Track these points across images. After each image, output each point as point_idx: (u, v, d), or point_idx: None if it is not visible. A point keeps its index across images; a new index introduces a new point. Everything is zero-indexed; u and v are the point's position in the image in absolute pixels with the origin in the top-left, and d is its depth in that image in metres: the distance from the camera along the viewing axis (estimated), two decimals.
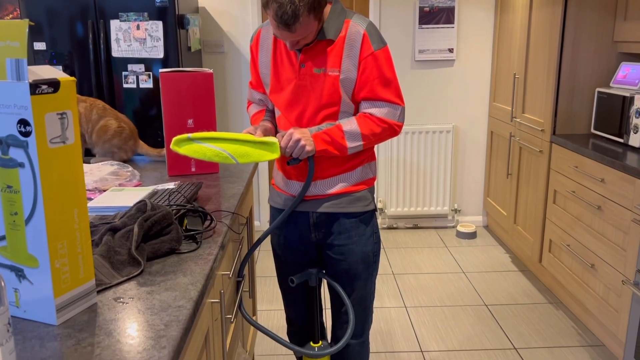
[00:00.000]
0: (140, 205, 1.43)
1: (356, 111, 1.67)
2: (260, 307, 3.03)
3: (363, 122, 1.61)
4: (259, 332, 2.76)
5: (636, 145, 2.54)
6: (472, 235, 4.01)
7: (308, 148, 1.56)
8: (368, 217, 1.76)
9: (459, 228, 4.04)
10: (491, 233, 4.10)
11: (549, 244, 3.07)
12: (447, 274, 3.40)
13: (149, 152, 2.38)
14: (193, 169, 2.14)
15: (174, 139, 1.56)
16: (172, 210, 1.51)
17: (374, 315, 2.90)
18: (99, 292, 1.18)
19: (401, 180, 4.09)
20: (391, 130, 1.64)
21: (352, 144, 1.61)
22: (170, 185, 1.86)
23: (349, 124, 1.61)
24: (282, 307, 3.00)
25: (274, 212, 1.86)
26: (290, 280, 1.78)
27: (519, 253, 3.61)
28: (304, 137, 1.56)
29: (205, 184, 2.03)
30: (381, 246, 3.92)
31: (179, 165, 2.12)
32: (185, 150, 1.56)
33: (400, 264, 3.57)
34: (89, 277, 1.11)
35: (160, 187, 1.83)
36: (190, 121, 2.08)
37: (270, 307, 3.02)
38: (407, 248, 3.84)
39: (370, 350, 2.57)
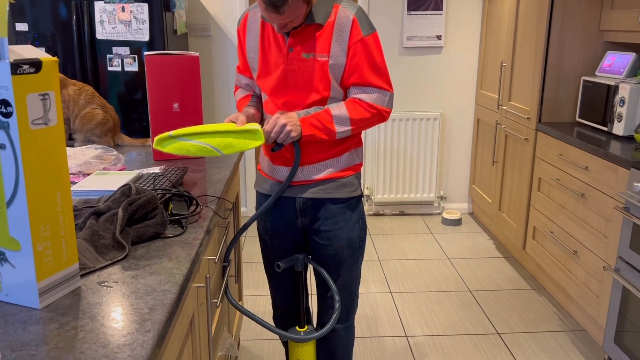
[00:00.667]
0: (125, 189, 1.42)
1: (345, 97, 1.67)
2: (246, 292, 3.03)
3: (352, 107, 1.61)
4: (244, 317, 2.76)
5: (620, 133, 2.57)
6: (457, 222, 4.04)
7: (293, 134, 1.55)
8: (354, 202, 1.76)
9: (445, 215, 4.07)
10: (476, 220, 4.14)
11: (532, 231, 3.11)
12: (432, 260, 3.43)
13: (132, 142, 2.35)
14: None
15: (156, 138, 1.54)
16: (157, 194, 1.50)
17: (359, 300, 2.92)
18: (82, 276, 1.17)
19: (388, 167, 4.10)
20: (380, 116, 1.64)
21: (340, 129, 1.60)
22: (156, 169, 1.85)
23: (338, 109, 1.60)
24: (268, 293, 3.01)
25: (260, 197, 1.85)
26: (277, 265, 1.78)
27: (503, 240, 3.65)
28: (290, 122, 1.55)
29: (191, 168, 2.02)
30: (367, 232, 3.93)
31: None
32: (169, 149, 1.55)
33: (386, 250, 3.59)
34: (73, 261, 1.10)
35: (145, 171, 1.81)
36: (175, 105, 2.05)
37: (256, 292, 3.03)
38: (393, 234, 3.86)
39: (356, 335, 2.59)
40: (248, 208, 4.20)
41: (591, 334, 2.58)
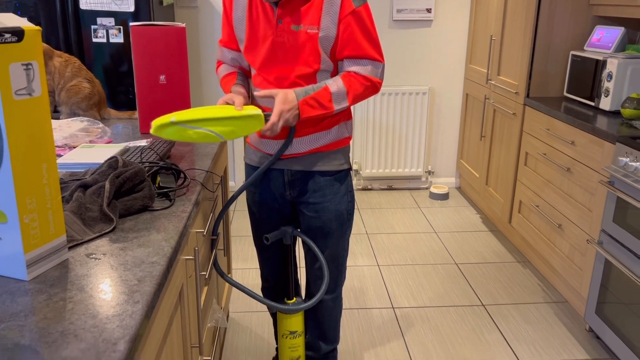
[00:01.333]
0: (112, 162, 1.41)
1: (335, 69, 1.65)
2: (235, 265, 3.05)
3: (348, 81, 1.59)
4: (233, 290, 2.78)
5: (606, 108, 2.59)
6: (445, 197, 4.07)
7: (292, 121, 1.54)
8: (343, 175, 1.76)
9: (432, 189, 4.09)
10: (463, 194, 4.17)
11: (518, 205, 3.15)
12: (420, 233, 3.47)
13: (119, 115, 2.33)
14: None
15: (156, 123, 1.44)
16: (145, 167, 1.49)
17: (347, 273, 2.96)
18: (70, 248, 1.17)
19: (376, 141, 4.10)
20: (373, 88, 1.63)
21: (338, 106, 1.60)
22: (143, 142, 1.83)
23: (336, 85, 1.58)
24: (257, 266, 3.03)
25: (249, 169, 1.85)
26: (265, 238, 1.79)
27: (490, 214, 3.69)
28: (292, 111, 1.52)
29: (179, 142, 2.01)
30: (355, 206, 3.95)
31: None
32: (168, 134, 1.45)
33: (374, 224, 3.62)
34: (60, 233, 1.10)
35: (132, 144, 1.80)
36: (162, 77, 2.03)
37: (245, 265, 3.04)
38: (381, 209, 3.89)
39: (343, 307, 2.63)
40: (236, 182, 4.20)
41: (573, 305, 2.63)
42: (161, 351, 1.16)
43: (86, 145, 1.75)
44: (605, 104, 2.59)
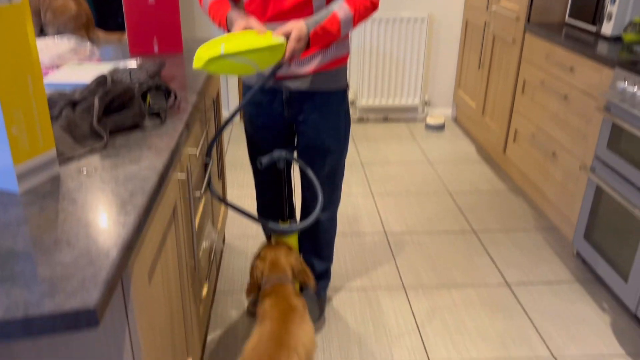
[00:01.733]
0: (101, 79, 1.38)
1: None
2: (230, 192, 3.08)
3: (353, 4, 1.55)
4: (229, 215, 2.82)
5: (608, 34, 2.53)
6: (441, 128, 4.06)
7: (300, 55, 1.52)
8: (341, 94, 1.76)
9: (428, 120, 4.07)
10: (459, 125, 4.15)
11: (514, 134, 3.14)
12: (414, 164, 3.48)
13: (108, 38, 2.26)
14: (156, 48, 2.05)
15: (204, 57, 1.35)
16: (135, 86, 1.47)
17: (341, 202, 2.99)
18: (61, 163, 1.17)
19: (373, 71, 4.03)
20: (373, 7, 1.60)
21: (345, 31, 1.57)
22: (132, 62, 1.79)
23: (343, 11, 1.53)
24: (252, 192, 3.06)
25: (247, 90, 1.83)
26: (259, 162, 1.79)
27: (485, 144, 3.69)
28: (302, 44, 1.48)
29: (169, 62, 1.96)
30: (351, 137, 3.95)
31: (141, 44, 2.02)
32: (215, 67, 1.39)
33: (369, 155, 3.62)
34: (49, 147, 1.09)
35: (121, 64, 1.76)
36: None
37: (241, 192, 3.07)
38: (376, 140, 3.88)
39: (337, 233, 2.68)
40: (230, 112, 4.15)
41: (563, 231, 2.69)
42: (155, 264, 1.19)
43: (74, 64, 1.71)
44: (607, 28, 2.53)
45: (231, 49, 1.39)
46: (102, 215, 0.98)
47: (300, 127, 1.79)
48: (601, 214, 2.22)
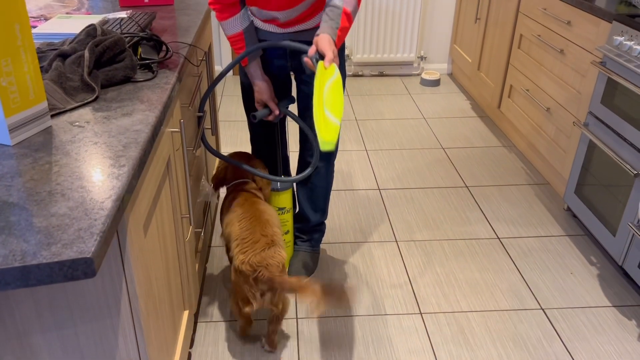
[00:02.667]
0: (90, 30, 1.35)
1: None
2: (224, 149, 3.07)
3: None
4: None
5: None
6: (436, 83, 4.02)
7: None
8: (342, 46, 1.75)
9: (424, 76, 4.03)
10: (455, 81, 4.12)
11: (509, 90, 3.12)
12: (408, 119, 3.47)
13: None
14: (146, 0, 2.00)
15: (334, 138, 1.34)
16: (125, 38, 1.44)
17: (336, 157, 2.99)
18: (53, 116, 1.16)
19: (368, 25, 3.95)
20: None
21: (355, 17, 1.61)
22: (122, 14, 1.75)
23: (351, 2, 1.55)
24: (247, 149, 3.05)
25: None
26: (252, 116, 1.78)
27: (480, 100, 3.68)
28: (333, 45, 1.49)
29: (160, 15, 1.92)
30: (345, 92, 3.91)
31: None
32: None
33: (363, 110, 3.60)
34: (40, 99, 1.08)
35: (111, 15, 1.72)
36: None
37: (235, 149, 3.06)
38: (371, 95, 3.85)
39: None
40: (223, 67, 4.09)
41: (554, 187, 2.71)
42: (151, 216, 1.20)
43: (63, 15, 1.67)
44: None
45: (339, 114, 1.39)
46: (96, 167, 0.98)
47: (303, 75, 1.81)
48: (592, 170, 2.24)
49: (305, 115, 1.86)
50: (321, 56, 1.47)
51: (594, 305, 2.00)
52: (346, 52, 4.08)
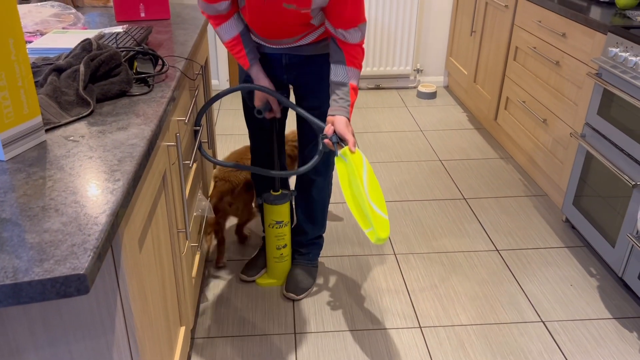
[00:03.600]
0: (86, 44, 1.35)
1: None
2: None
3: (356, 61, 1.63)
4: None
5: None
6: (432, 96, 4.04)
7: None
8: None
9: (420, 88, 4.04)
10: (451, 93, 4.13)
11: (505, 102, 3.13)
12: (405, 132, 3.47)
13: (93, 3, 2.20)
14: (142, 14, 2.01)
15: (386, 233, 1.37)
16: (121, 52, 1.44)
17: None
18: (47, 131, 1.15)
19: (364, 38, 3.97)
20: (363, 51, 1.67)
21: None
22: (118, 29, 1.75)
23: (354, 75, 1.63)
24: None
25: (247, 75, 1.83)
26: (257, 111, 1.78)
27: (476, 112, 3.68)
28: (348, 125, 1.58)
29: (156, 29, 1.92)
30: None
31: (128, 10, 1.98)
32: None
33: (360, 123, 3.60)
34: (35, 114, 1.07)
35: (107, 30, 1.72)
36: None
37: None
38: (368, 108, 3.85)
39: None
40: (220, 81, 4.10)
41: (552, 198, 2.71)
42: (146, 230, 1.19)
43: (59, 30, 1.67)
44: None
45: (384, 207, 1.44)
46: (90, 182, 0.97)
47: (300, 90, 1.83)
48: (590, 181, 2.23)
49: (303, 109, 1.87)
50: (340, 139, 1.55)
51: (594, 317, 1.98)
52: None
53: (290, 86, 1.87)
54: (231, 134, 3.40)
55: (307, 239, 2.09)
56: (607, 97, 2.11)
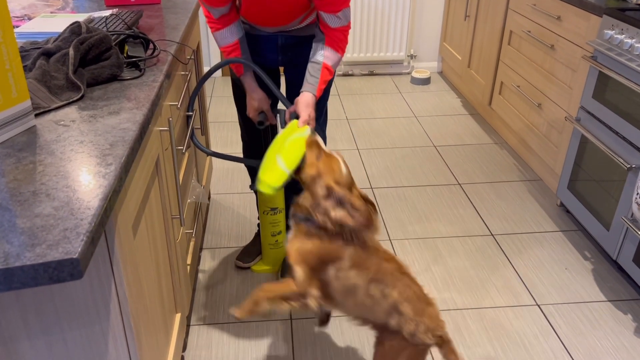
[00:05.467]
0: (75, 27, 1.32)
1: None
2: (214, 149, 3.03)
3: (336, 44, 1.62)
4: (214, 172, 2.79)
5: None
6: (426, 81, 4.02)
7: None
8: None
9: (414, 74, 4.02)
10: (445, 79, 4.12)
11: (499, 86, 3.12)
12: (399, 118, 3.45)
13: None
14: None
15: (273, 184, 1.33)
16: (112, 36, 1.41)
17: None
18: (37, 115, 1.13)
19: (358, 24, 3.94)
20: (348, 29, 1.65)
21: (337, 67, 1.68)
22: (108, 12, 1.72)
23: (331, 57, 1.62)
24: (237, 151, 3.02)
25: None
26: (259, 123, 1.76)
27: (471, 97, 3.67)
28: (312, 106, 1.58)
29: (147, 14, 1.89)
30: (337, 92, 3.90)
31: None
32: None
33: (354, 109, 3.58)
34: (23, 98, 1.05)
35: (96, 14, 1.68)
36: None
37: (225, 150, 3.03)
38: (361, 94, 3.83)
39: None
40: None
41: (547, 182, 2.71)
42: (140, 216, 1.17)
43: (47, 15, 1.64)
44: None
45: (291, 164, 1.35)
46: (81, 166, 0.95)
47: (294, 71, 1.80)
48: (585, 165, 2.23)
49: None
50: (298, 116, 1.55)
51: (589, 300, 1.99)
52: None
53: (282, 71, 1.86)
54: (224, 121, 3.37)
55: None
56: (602, 80, 2.10)
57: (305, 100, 1.59)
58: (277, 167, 1.36)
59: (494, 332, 1.84)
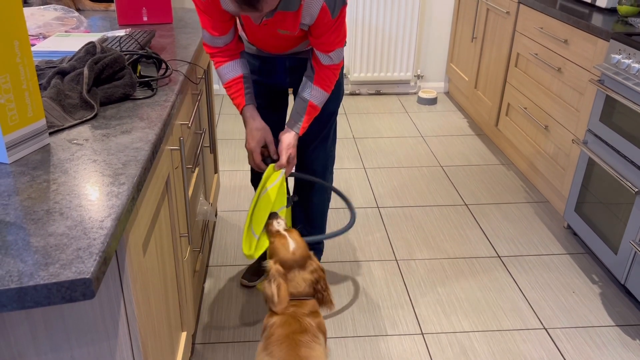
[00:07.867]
0: (89, 47, 1.34)
1: None
2: (222, 167, 3.05)
3: (324, 82, 1.64)
4: (221, 189, 2.80)
5: (603, 5, 2.51)
6: (433, 101, 4.04)
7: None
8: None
9: (420, 94, 4.04)
10: (451, 99, 4.14)
11: (506, 108, 3.13)
12: (406, 137, 3.47)
13: (95, 7, 2.20)
14: (145, 18, 2.00)
15: (252, 252, 1.50)
16: (125, 55, 1.43)
17: (334, 176, 2.98)
18: (51, 134, 1.14)
19: (365, 44, 3.98)
20: (339, 68, 1.67)
21: (323, 104, 1.70)
22: (121, 32, 1.75)
23: (318, 95, 1.65)
24: (245, 168, 3.04)
25: (248, 57, 1.81)
26: (264, 162, 1.74)
27: (477, 118, 3.69)
28: (293, 147, 1.65)
29: (159, 33, 1.92)
30: (343, 110, 3.92)
31: (130, 13, 1.97)
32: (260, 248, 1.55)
33: (361, 128, 3.60)
34: (39, 117, 1.06)
35: (110, 34, 1.71)
36: None
37: (233, 167, 3.05)
38: (368, 114, 3.85)
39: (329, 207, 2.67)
40: (221, 87, 4.09)
41: (554, 204, 2.70)
42: (150, 235, 1.18)
43: (61, 34, 1.66)
44: (602, 0, 2.51)
45: (258, 229, 1.55)
46: (95, 185, 0.96)
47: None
48: (592, 188, 2.23)
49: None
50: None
51: (597, 324, 1.97)
52: (344, 70, 4.09)
53: (290, 91, 1.88)
54: (232, 138, 3.40)
55: (307, 244, 2.08)
56: (610, 104, 2.11)
57: (288, 141, 1.64)
58: (251, 235, 1.53)
59: (501, 355, 1.83)
